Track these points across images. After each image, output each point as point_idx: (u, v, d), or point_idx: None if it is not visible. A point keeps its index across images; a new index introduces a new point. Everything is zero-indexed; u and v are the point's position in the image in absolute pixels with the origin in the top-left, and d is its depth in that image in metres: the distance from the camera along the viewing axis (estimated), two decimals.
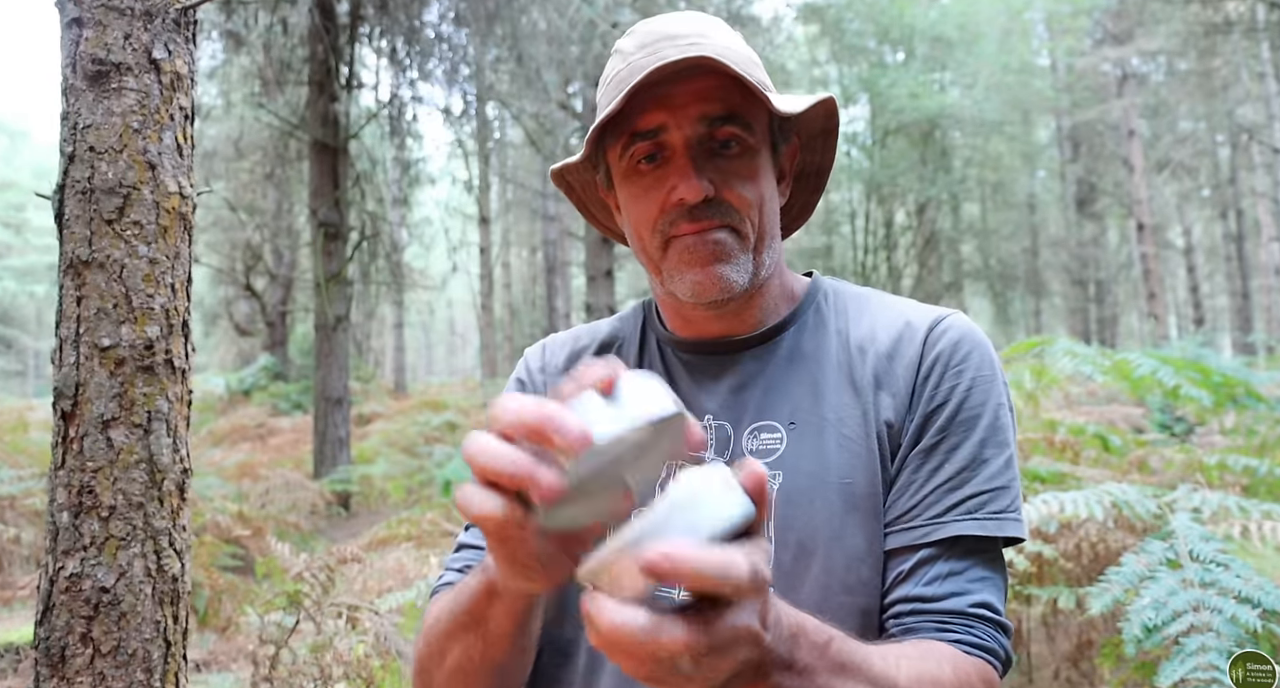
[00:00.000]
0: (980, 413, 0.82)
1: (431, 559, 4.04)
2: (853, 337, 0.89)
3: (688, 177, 0.81)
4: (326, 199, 8.31)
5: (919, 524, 0.80)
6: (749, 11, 12.41)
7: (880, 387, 0.85)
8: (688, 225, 0.82)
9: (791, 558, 0.80)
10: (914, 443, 0.82)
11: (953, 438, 0.81)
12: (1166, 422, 6.03)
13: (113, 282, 1.55)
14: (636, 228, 0.87)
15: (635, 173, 0.85)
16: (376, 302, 17.51)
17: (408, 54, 9.53)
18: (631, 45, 0.86)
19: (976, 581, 0.78)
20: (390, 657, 2.79)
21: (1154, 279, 15.47)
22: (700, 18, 0.88)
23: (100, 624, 1.52)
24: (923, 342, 0.85)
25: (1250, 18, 15.83)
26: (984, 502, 0.80)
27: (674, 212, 0.83)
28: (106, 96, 1.55)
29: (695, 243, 0.82)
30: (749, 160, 0.83)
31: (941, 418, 0.82)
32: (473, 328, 37.79)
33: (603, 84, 0.89)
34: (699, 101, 0.80)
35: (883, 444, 0.83)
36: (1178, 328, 27.53)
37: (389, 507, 8.23)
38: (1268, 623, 1.74)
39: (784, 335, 0.90)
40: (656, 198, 0.83)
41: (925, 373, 0.83)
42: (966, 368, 0.83)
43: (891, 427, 0.83)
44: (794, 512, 0.81)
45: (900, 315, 0.89)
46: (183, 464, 1.64)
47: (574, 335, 1.02)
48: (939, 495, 0.80)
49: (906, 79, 16.62)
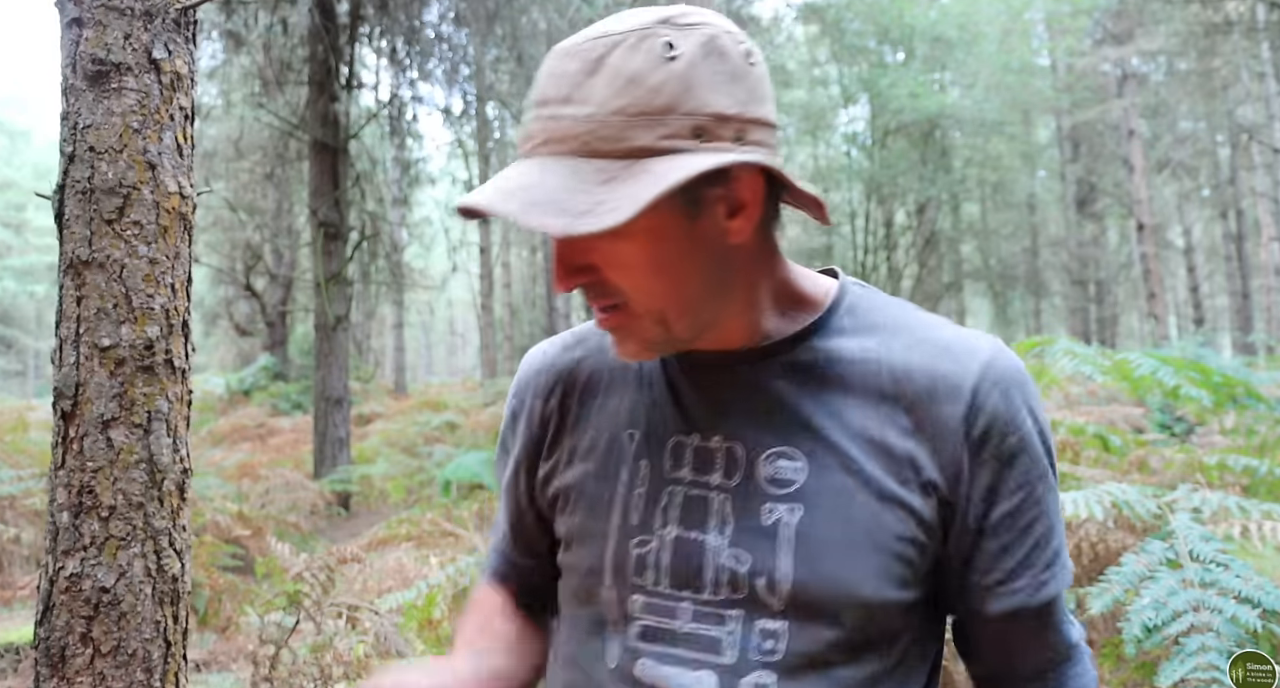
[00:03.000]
0: (1044, 472, 0.80)
1: (432, 559, 4.04)
2: (885, 361, 0.80)
3: (557, 272, 0.77)
4: (326, 199, 8.31)
5: (1023, 586, 0.80)
6: (749, 11, 12.41)
7: (918, 429, 0.78)
8: (588, 299, 0.78)
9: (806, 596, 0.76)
10: (984, 509, 0.78)
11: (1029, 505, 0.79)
12: (1166, 422, 6.03)
13: (113, 282, 1.55)
14: None
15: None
16: (376, 302, 17.53)
17: (408, 54, 9.53)
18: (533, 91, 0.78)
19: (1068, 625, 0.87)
20: (390, 657, 2.79)
21: (1154, 279, 15.47)
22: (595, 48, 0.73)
23: (100, 624, 1.52)
24: (972, 393, 0.78)
25: (1250, 18, 15.83)
26: (1061, 556, 0.82)
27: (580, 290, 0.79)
28: (106, 96, 1.55)
29: (601, 321, 0.79)
30: (627, 248, 0.74)
31: (1010, 483, 0.78)
32: (473, 328, 37.80)
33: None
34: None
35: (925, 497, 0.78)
36: (1178, 328, 27.54)
37: (389, 507, 8.23)
38: (1268, 623, 1.74)
39: (798, 351, 0.82)
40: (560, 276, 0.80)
41: (981, 434, 0.77)
42: (1022, 427, 0.79)
43: (938, 488, 0.78)
44: (814, 552, 0.76)
45: (940, 344, 0.81)
46: (183, 464, 1.64)
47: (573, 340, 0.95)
48: (1030, 559, 0.80)
49: (906, 79, 16.62)
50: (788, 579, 0.76)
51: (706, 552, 0.79)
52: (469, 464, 7.41)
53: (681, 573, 0.79)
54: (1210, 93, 18.48)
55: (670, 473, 0.82)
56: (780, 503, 0.78)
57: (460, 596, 3.33)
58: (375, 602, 3.19)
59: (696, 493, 0.81)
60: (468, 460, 7.57)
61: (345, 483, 8.00)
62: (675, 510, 0.81)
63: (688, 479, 0.82)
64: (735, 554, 0.78)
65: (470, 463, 7.43)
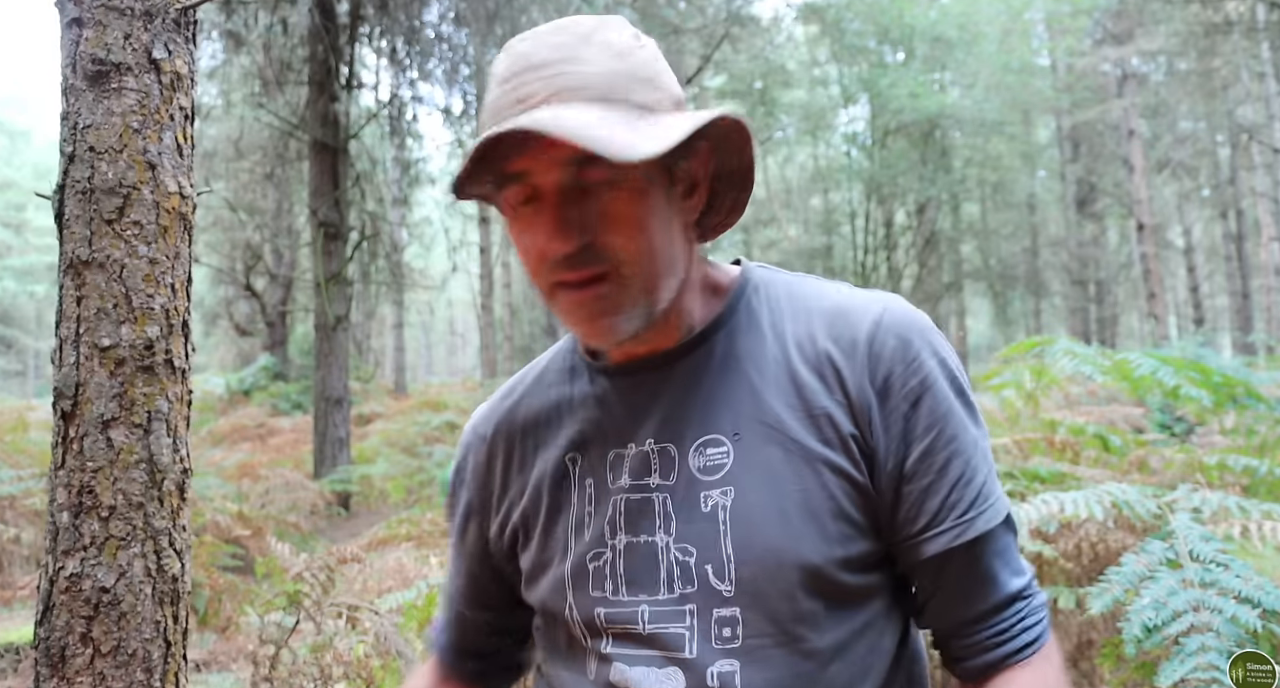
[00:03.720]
0: (952, 408, 0.80)
1: (432, 559, 4.04)
2: (789, 333, 0.84)
3: (553, 229, 0.75)
4: (326, 199, 8.31)
5: (948, 527, 0.79)
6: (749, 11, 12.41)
7: (829, 390, 0.80)
8: (565, 273, 0.77)
9: (751, 575, 0.78)
10: (901, 454, 0.79)
11: (942, 444, 0.79)
12: (1166, 422, 6.03)
13: (113, 282, 1.55)
14: (525, 266, 0.82)
15: (514, 214, 0.79)
16: (376, 302, 17.53)
17: (408, 54, 9.53)
18: (502, 70, 0.78)
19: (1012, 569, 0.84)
20: (390, 657, 2.79)
21: (1154, 279, 15.47)
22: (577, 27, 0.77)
23: (100, 624, 1.52)
24: (868, 344, 0.80)
25: (1250, 18, 15.83)
26: (986, 491, 0.81)
27: (548, 258, 0.77)
28: (106, 96, 1.55)
29: (578, 298, 0.77)
30: (627, 202, 0.76)
31: (920, 424, 0.79)
32: (473, 328, 37.80)
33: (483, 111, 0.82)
34: (558, 145, 0.71)
35: (848, 451, 0.79)
36: (1178, 328, 27.54)
37: (389, 507, 8.23)
38: (1268, 623, 1.74)
39: (716, 338, 0.85)
40: (532, 244, 0.78)
41: (883, 382, 0.80)
42: (922, 368, 0.80)
43: (858, 439, 0.80)
44: (750, 529, 0.78)
45: (835, 308, 0.84)
46: (183, 464, 1.64)
47: (501, 396, 0.98)
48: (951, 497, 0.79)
49: (906, 79, 16.62)
50: (732, 560, 0.78)
51: (657, 552, 0.81)
52: None
53: (636, 578, 0.81)
54: (1210, 93, 18.48)
55: (613, 484, 0.84)
56: (714, 489, 0.80)
57: None
58: (375, 602, 3.19)
59: (638, 497, 0.83)
60: None
61: (345, 483, 8.00)
62: (621, 519, 0.83)
63: (628, 486, 0.84)
64: (683, 548, 0.80)
65: None
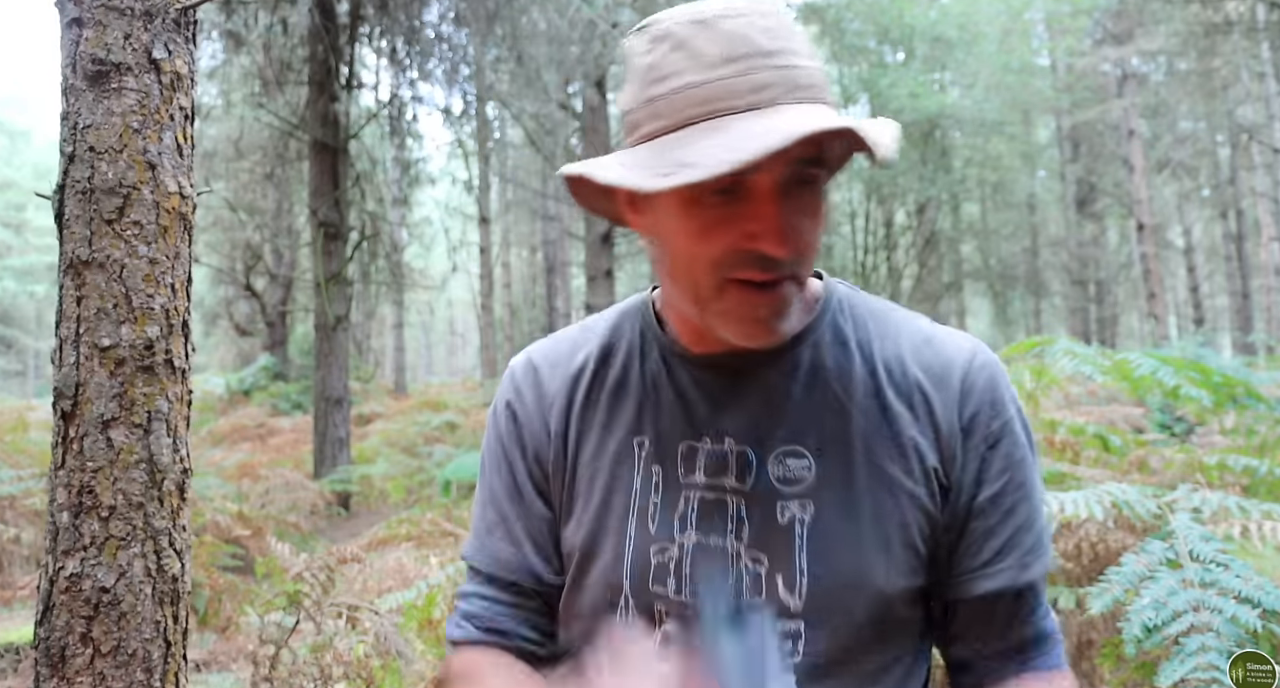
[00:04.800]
0: (1026, 456, 0.82)
1: (432, 559, 4.04)
2: (877, 355, 0.83)
3: (777, 231, 0.71)
4: (326, 199, 8.31)
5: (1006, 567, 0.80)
6: None
7: (916, 419, 0.80)
8: (758, 273, 0.73)
9: (823, 594, 0.77)
10: (973, 492, 0.80)
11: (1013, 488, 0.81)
12: (1166, 422, 6.03)
13: (113, 282, 1.55)
14: (685, 260, 0.76)
15: (696, 203, 0.73)
16: (376, 302, 17.53)
17: (408, 54, 9.52)
18: (712, 51, 0.71)
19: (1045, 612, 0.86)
20: (390, 657, 2.79)
21: (1154, 279, 15.47)
22: (774, 13, 0.73)
23: (100, 624, 1.52)
24: (961, 381, 0.81)
25: (1250, 18, 15.82)
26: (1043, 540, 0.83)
27: (744, 255, 0.72)
28: (106, 96, 1.55)
29: (761, 299, 0.74)
30: (819, 206, 0.75)
31: (995, 466, 0.80)
32: (473, 328, 37.79)
33: (653, 79, 0.74)
34: (801, 145, 0.66)
35: (929, 484, 0.80)
36: (1178, 328, 27.53)
37: (389, 507, 8.23)
38: (1268, 623, 1.74)
39: (803, 349, 0.83)
40: (724, 237, 0.72)
41: (970, 419, 0.80)
42: (1006, 412, 0.81)
43: (938, 471, 0.80)
44: (827, 549, 0.77)
45: (923, 337, 0.84)
46: (183, 464, 1.64)
47: (569, 347, 0.92)
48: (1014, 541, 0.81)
49: (906, 79, 16.61)
50: (805, 577, 0.77)
51: (727, 557, 0.79)
52: (469, 464, 7.41)
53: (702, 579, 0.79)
54: (1210, 93, 18.47)
55: (684, 478, 0.82)
56: (792, 501, 0.79)
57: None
58: (375, 602, 3.19)
59: (713, 497, 0.81)
60: (468, 461, 7.57)
61: (345, 483, 8.00)
62: (693, 516, 0.81)
63: (702, 483, 0.81)
64: (754, 556, 0.79)
65: (470, 463, 7.43)
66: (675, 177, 0.66)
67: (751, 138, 0.65)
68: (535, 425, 0.89)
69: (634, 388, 0.87)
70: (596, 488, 0.85)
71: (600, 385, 0.88)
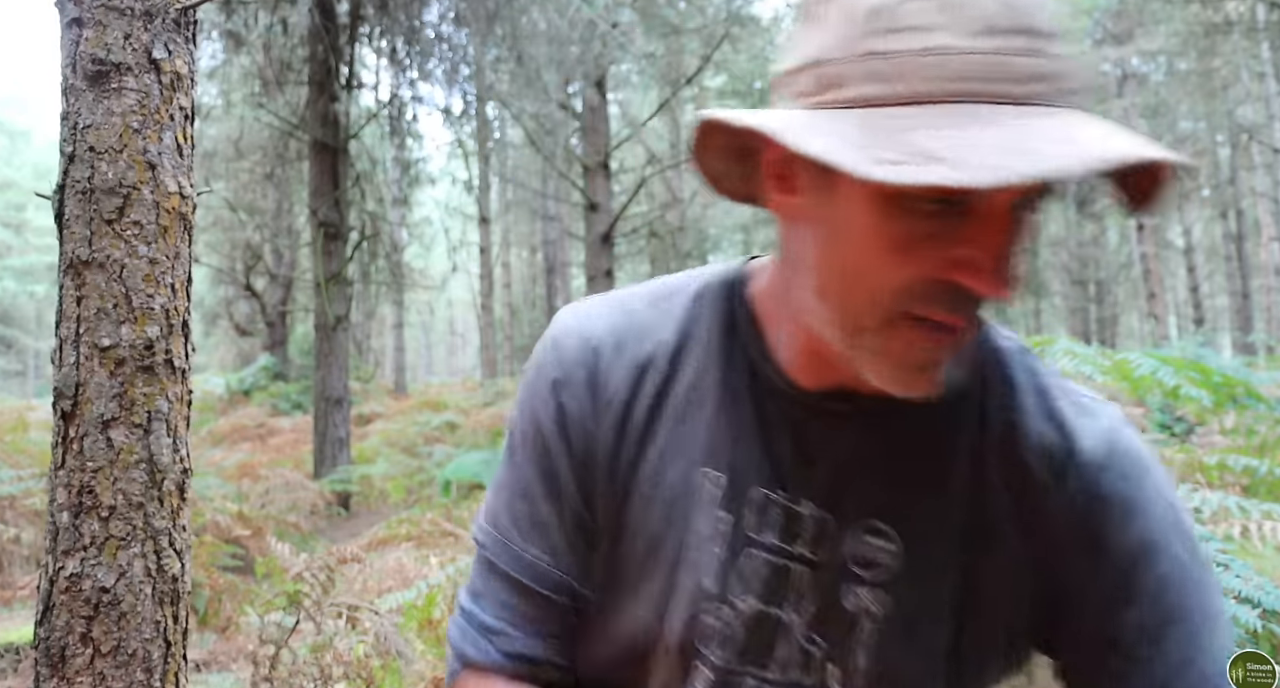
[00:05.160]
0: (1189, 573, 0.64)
1: (432, 559, 4.04)
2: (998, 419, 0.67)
3: (995, 264, 0.54)
4: (326, 199, 8.31)
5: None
6: (749, 11, 12.41)
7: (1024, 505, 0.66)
8: (948, 313, 0.56)
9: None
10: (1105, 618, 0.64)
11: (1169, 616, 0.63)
12: (1166, 422, 6.03)
13: (113, 282, 1.55)
14: (854, 274, 0.58)
15: (897, 206, 0.54)
16: (376, 302, 17.52)
17: (408, 54, 9.53)
18: (984, 9, 0.52)
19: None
20: (390, 657, 2.79)
21: (1154, 279, 15.47)
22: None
23: (100, 624, 1.52)
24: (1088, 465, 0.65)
25: (1250, 18, 15.83)
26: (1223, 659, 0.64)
27: (940, 287, 0.55)
28: (106, 96, 1.55)
29: (936, 343, 0.57)
30: (1033, 231, 0.59)
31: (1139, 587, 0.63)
32: (473, 328, 37.80)
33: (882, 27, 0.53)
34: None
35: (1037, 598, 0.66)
36: (1178, 328, 27.54)
37: (389, 507, 8.23)
38: (1268, 623, 1.74)
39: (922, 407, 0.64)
40: (924, 259, 0.55)
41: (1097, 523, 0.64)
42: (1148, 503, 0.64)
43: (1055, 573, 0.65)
44: (892, 652, 0.66)
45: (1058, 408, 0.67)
46: (183, 464, 1.64)
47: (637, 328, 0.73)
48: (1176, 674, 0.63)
49: None
50: (861, 673, 0.67)
51: (780, 628, 0.69)
52: (469, 464, 7.41)
53: (752, 649, 0.69)
54: (1210, 93, 18.48)
55: (754, 534, 0.68)
56: (863, 587, 0.67)
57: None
58: (375, 602, 3.19)
59: (779, 562, 0.68)
60: (468, 460, 7.57)
61: (345, 483, 8.00)
62: (756, 580, 0.68)
63: (771, 545, 0.68)
64: (811, 636, 0.68)
65: (470, 463, 7.43)
66: (922, 171, 0.47)
67: (1048, 143, 0.48)
68: (587, 424, 0.71)
69: (709, 403, 0.70)
70: (650, 519, 0.70)
71: (670, 389, 0.71)
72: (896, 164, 0.49)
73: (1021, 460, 0.66)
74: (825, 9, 0.58)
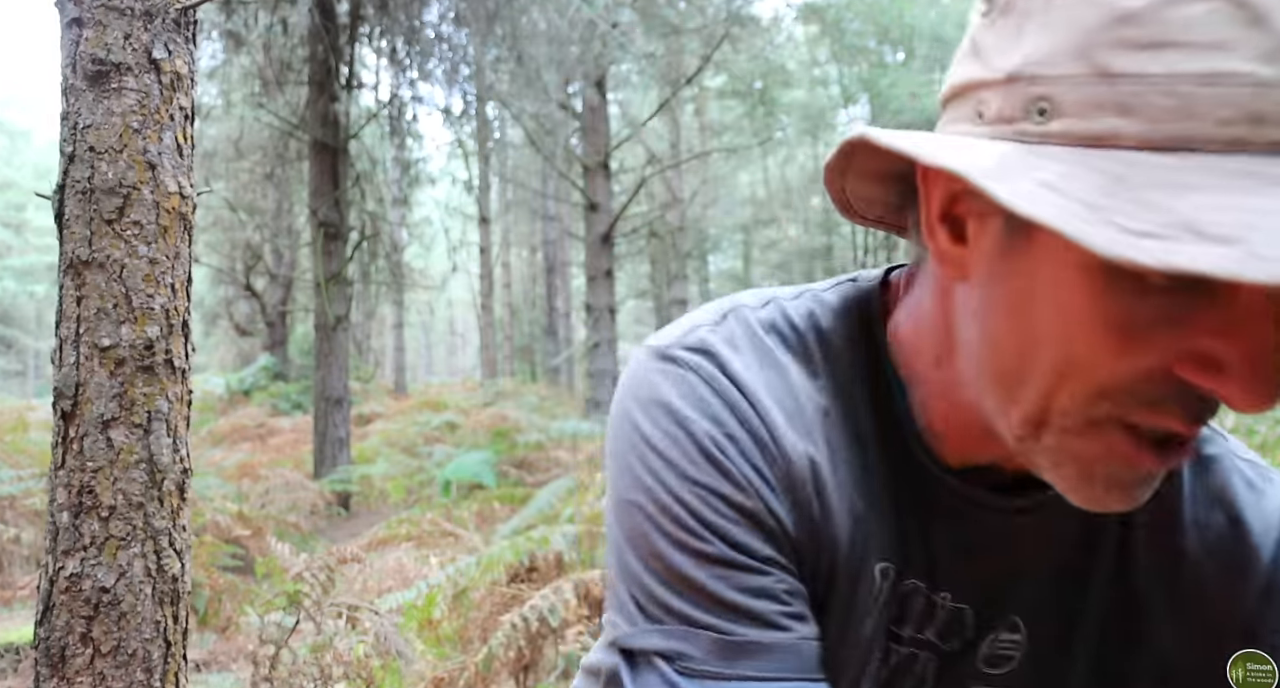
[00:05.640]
0: None
1: (432, 559, 4.04)
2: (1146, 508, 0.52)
3: (1256, 369, 0.40)
4: (326, 199, 8.31)
5: None
6: (749, 11, 12.40)
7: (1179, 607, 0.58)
8: (1180, 422, 0.44)
9: None
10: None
11: None
12: None
13: (113, 282, 1.55)
14: (1049, 360, 0.44)
15: (1121, 280, 0.41)
16: (376, 302, 17.52)
17: (408, 54, 9.53)
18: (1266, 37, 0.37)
19: None
20: (390, 657, 2.79)
21: None
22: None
23: (100, 624, 1.52)
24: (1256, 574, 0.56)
25: None
26: None
27: (1175, 388, 0.42)
28: (106, 96, 1.55)
29: (1151, 460, 0.45)
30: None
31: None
32: (473, 328, 37.81)
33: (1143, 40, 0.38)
34: None
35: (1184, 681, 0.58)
36: None
37: (389, 507, 8.23)
38: None
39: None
40: (1153, 351, 0.42)
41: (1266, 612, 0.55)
42: None
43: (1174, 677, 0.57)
44: None
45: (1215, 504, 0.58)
46: (183, 464, 1.64)
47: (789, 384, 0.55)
48: None
49: (906, 79, 16.63)
50: None
51: None
52: (469, 464, 7.42)
53: None
54: None
55: (898, 628, 0.59)
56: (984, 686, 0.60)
57: (460, 596, 3.33)
58: (375, 602, 3.20)
59: (908, 651, 0.60)
60: (468, 460, 7.57)
61: (345, 483, 8.00)
62: (887, 672, 0.60)
63: (908, 637, 0.59)
64: None
65: (470, 463, 7.44)
66: (1199, 254, 0.34)
67: None
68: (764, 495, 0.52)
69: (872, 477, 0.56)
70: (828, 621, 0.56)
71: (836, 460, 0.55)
72: (1157, 239, 0.35)
73: (1178, 547, 0.57)
74: (1031, 4, 0.42)
